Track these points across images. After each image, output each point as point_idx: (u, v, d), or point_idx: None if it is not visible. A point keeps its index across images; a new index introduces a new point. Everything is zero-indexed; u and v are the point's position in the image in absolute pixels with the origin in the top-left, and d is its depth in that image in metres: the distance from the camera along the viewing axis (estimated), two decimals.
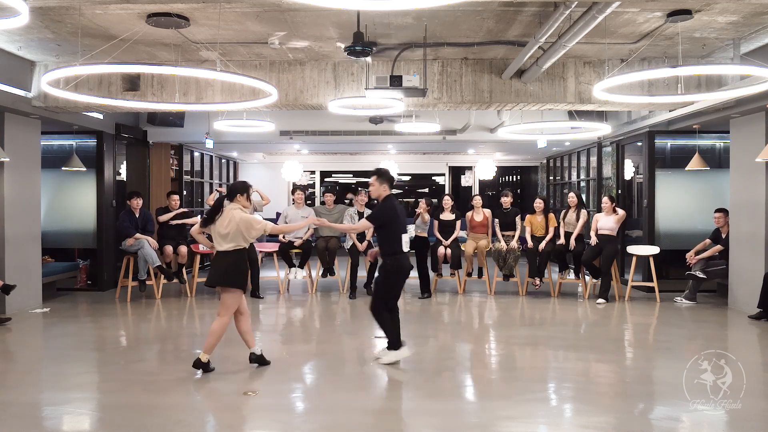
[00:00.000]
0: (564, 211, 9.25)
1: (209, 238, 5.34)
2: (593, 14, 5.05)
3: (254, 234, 5.13)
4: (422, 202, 9.44)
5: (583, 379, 5.13)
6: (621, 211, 8.84)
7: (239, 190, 5.22)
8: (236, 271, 5.10)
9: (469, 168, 16.78)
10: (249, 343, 5.28)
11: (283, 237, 9.22)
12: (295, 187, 10.02)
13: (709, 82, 7.35)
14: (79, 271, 9.51)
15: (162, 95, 7.53)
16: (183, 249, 8.92)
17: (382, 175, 5.51)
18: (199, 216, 9.64)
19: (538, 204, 9.29)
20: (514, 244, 9.08)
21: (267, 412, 4.37)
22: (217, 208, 5.13)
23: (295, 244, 9.32)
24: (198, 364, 5.03)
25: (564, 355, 5.92)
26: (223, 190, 9.23)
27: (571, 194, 9.27)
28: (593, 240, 8.74)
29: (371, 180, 5.55)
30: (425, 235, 9.24)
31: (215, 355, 5.05)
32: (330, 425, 4.10)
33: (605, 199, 8.92)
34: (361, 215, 9.25)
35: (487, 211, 9.48)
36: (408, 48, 6.87)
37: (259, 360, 5.26)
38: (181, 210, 9.21)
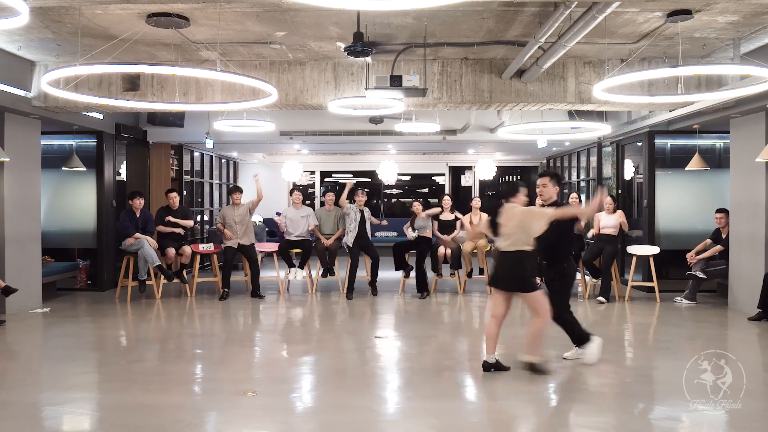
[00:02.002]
0: None
1: None
2: (593, 14, 5.05)
3: (536, 226, 4.86)
4: (417, 203, 9.41)
5: (583, 379, 5.12)
6: (620, 212, 8.87)
7: (512, 192, 5.08)
8: (517, 277, 4.98)
9: (469, 168, 16.77)
10: (488, 347, 5.09)
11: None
12: (294, 188, 10.02)
13: (709, 82, 7.35)
14: (79, 271, 9.50)
15: (162, 95, 7.53)
16: (187, 249, 8.91)
17: (555, 176, 5.26)
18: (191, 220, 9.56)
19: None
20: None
21: (267, 412, 4.37)
22: (495, 213, 5.05)
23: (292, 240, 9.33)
24: (529, 367, 4.99)
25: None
26: (225, 228, 9.17)
27: (573, 194, 9.28)
28: (594, 231, 8.82)
29: (544, 181, 5.24)
30: (429, 235, 9.26)
31: (217, 355, 5.06)
32: (330, 425, 4.09)
33: (608, 199, 8.93)
34: (362, 214, 9.24)
35: (485, 216, 9.44)
36: (408, 48, 6.87)
37: (497, 366, 5.09)
38: (178, 224, 9.09)
